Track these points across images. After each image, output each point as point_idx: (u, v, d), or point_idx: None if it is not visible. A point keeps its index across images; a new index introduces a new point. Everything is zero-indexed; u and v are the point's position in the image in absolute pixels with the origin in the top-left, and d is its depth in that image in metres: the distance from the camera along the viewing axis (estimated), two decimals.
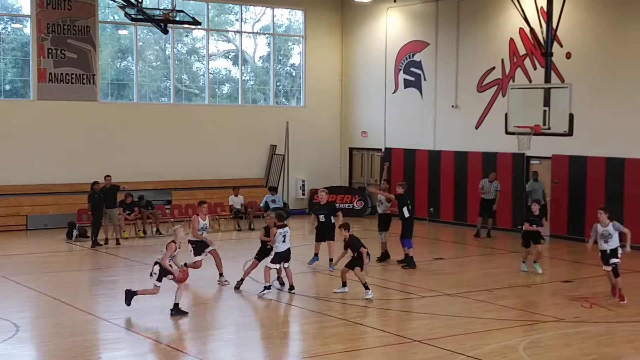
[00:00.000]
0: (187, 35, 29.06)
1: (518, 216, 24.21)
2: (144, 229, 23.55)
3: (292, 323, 14.31)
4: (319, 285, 17.02)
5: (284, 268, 15.82)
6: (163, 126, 27.30)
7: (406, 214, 18.43)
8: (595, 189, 22.33)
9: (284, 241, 15.57)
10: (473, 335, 12.88)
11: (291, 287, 15.81)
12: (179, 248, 14.25)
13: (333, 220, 18.41)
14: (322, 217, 18.58)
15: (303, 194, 29.89)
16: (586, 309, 14.60)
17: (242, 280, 16.16)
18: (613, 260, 14.96)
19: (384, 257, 19.13)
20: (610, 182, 22.11)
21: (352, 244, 15.47)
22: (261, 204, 25.87)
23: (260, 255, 16.13)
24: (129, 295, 14.21)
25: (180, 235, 14.25)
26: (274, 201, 26.08)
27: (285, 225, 15.74)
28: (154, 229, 23.76)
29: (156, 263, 14.03)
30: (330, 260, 18.14)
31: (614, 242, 14.98)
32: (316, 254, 18.74)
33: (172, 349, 12.01)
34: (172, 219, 24.57)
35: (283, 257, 15.62)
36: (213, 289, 16.53)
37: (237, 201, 25.52)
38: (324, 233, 18.55)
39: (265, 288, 15.53)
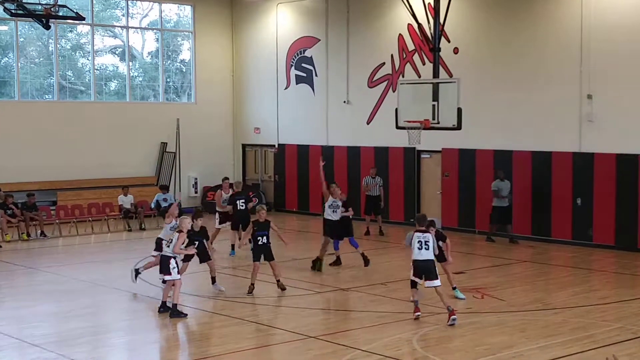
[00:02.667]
0: (71, 31, 28.19)
1: (410, 210, 24.46)
2: (28, 231, 22.69)
3: (184, 324, 13.96)
4: (211, 284, 16.69)
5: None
6: (47, 124, 26.38)
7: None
8: (484, 181, 22.72)
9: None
10: (368, 330, 12.85)
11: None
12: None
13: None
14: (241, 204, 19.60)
15: (196, 192, 29.43)
16: (478, 299, 14.78)
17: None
18: None
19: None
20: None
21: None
22: (152, 203, 25.35)
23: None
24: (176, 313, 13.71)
25: (186, 225, 14.07)
26: (165, 200, 25.52)
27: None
28: (39, 232, 22.93)
29: (169, 258, 13.81)
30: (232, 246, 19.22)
31: None
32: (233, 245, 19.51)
33: (58, 355, 11.53)
34: (57, 221, 23.79)
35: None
36: (104, 293, 16.03)
37: (126, 201, 24.90)
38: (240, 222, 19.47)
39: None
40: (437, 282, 13.27)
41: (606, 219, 20.32)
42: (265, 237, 15.27)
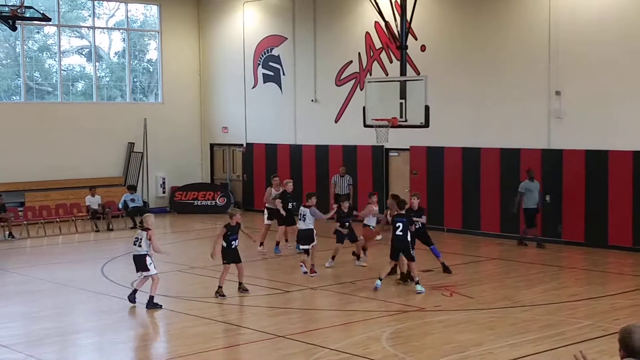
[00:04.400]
0: (38, 32, 27.96)
1: (380, 208, 24.46)
2: None
3: (153, 325, 13.92)
4: (180, 285, 16.66)
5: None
6: (15, 125, 26.15)
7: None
8: (453, 178, 22.85)
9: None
10: (337, 328, 12.89)
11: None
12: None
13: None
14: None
15: (164, 192, 29.32)
16: (447, 297, 14.86)
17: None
18: None
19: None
20: (466, 171, 22.66)
21: None
22: (120, 204, 25.23)
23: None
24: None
25: (151, 222, 14.50)
26: (133, 200, 25.51)
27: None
28: (7, 233, 22.72)
29: (144, 256, 14.27)
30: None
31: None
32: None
33: (27, 356, 11.44)
34: (25, 222, 23.60)
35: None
36: (72, 294, 15.92)
37: (94, 201, 24.75)
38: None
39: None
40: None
41: (576, 216, 20.49)
42: (236, 241, 15.23)
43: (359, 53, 25.26)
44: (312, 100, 26.69)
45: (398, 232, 15.43)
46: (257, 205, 28.38)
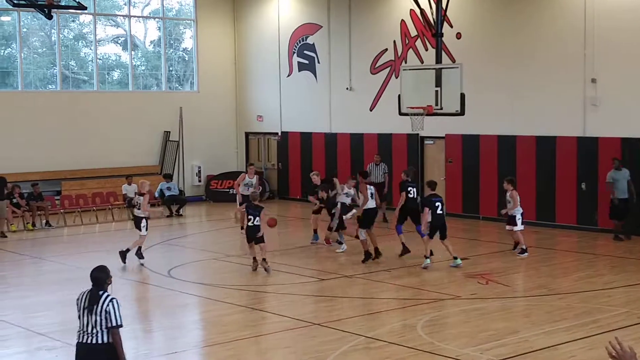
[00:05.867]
0: (73, 21, 28.16)
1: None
2: (33, 221, 22.72)
3: (189, 312, 14.01)
4: (215, 272, 16.74)
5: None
6: (51, 114, 26.39)
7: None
8: (488, 167, 22.70)
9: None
10: (372, 316, 12.89)
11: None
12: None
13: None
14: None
15: (199, 181, 29.45)
16: (482, 285, 14.78)
17: None
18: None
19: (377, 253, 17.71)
20: (502, 159, 22.50)
21: None
22: (156, 192, 25.38)
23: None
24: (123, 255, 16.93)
25: (145, 187, 17.45)
26: (169, 189, 25.67)
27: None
28: (44, 221, 22.96)
29: (141, 218, 17.15)
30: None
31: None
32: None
33: (64, 344, 11.57)
34: (62, 210, 23.83)
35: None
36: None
37: (130, 190, 24.76)
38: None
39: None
40: None
41: None
42: (255, 218, 15.92)
43: (394, 41, 25.14)
44: (347, 89, 26.63)
45: (439, 212, 16.30)
46: (292, 194, 28.46)
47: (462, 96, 18.54)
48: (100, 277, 7.94)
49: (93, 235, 22.44)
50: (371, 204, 17.37)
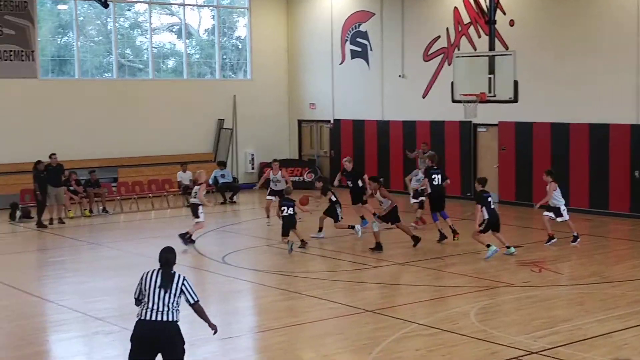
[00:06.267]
0: (129, 9, 28.56)
1: (467, 184, 24.38)
2: (90, 207, 23.15)
3: (243, 298, 14.21)
4: (269, 259, 16.92)
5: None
6: (107, 102, 26.82)
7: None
8: (541, 154, 22.53)
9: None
10: (425, 303, 12.94)
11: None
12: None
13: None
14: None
15: (252, 168, 29.69)
16: (536, 273, 14.74)
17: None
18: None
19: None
20: (555, 147, 22.33)
21: None
22: (210, 179, 25.65)
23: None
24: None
25: (202, 177, 18.33)
26: (223, 176, 25.91)
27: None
28: (101, 208, 23.38)
29: (197, 205, 17.87)
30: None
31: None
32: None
33: (121, 329, 11.83)
34: (118, 197, 24.23)
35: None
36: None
37: (185, 177, 25.19)
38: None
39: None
40: None
41: None
42: (289, 208, 17.05)
43: (447, 28, 25.03)
44: (400, 76, 26.60)
45: (492, 206, 16.32)
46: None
47: (516, 83, 18.47)
48: (171, 258, 8.24)
49: (149, 221, 22.81)
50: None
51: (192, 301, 8.30)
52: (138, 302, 8.17)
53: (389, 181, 26.53)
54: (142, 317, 8.00)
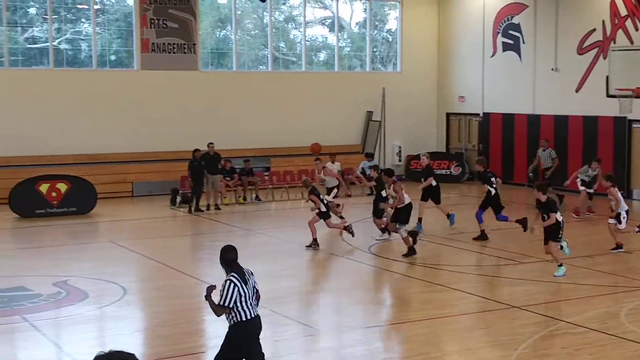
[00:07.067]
0: (284, 3, 29.30)
1: (620, 182, 23.71)
2: (244, 195, 24.00)
3: (386, 288, 14.47)
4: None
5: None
6: (261, 94, 27.67)
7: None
8: None
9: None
10: (573, 302, 12.82)
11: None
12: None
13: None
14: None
15: (399, 160, 29.90)
16: None
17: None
18: None
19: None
20: None
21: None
22: (358, 171, 26.02)
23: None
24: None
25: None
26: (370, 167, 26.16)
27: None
28: (254, 196, 24.18)
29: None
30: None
31: None
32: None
33: (272, 312, 12.30)
34: (270, 186, 24.98)
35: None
36: (313, 255, 16.77)
37: (333, 168, 25.61)
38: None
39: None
40: None
41: None
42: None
43: (603, 21, 24.42)
44: (552, 69, 26.15)
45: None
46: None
47: None
48: (236, 256, 8.30)
49: (299, 210, 23.36)
50: (407, 200, 16.70)
51: (259, 295, 8.36)
52: (227, 308, 8.04)
53: (537, 176, 26.16)
54: (247, 317, 8.06)
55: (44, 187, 21.43)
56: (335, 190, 20.47)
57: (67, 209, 21.52)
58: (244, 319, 8.07)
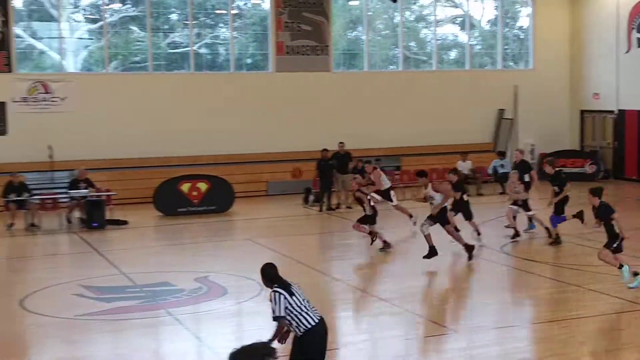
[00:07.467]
0: (414, 3, 29.47)
1: None
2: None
3: (519, 288, 14.46)
4: (545, 250, 17.00)
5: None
6: (392, 93, 27.94)
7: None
8: None
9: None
10: None
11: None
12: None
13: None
14: None
15: (532, 159, 29.47)
16: None
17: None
18: None
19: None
20: None
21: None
22: (489, 169, 25.92)
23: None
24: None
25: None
26: (502, 166, 26.00)
27: None
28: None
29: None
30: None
31: None
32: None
33: (403, 310, 12.55)
34: (401, 185, 25.15)
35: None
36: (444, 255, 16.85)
37: (465, 166, 25.54)
38: None
39: None
40: None
41: None
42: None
43: None
44: None
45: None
46: (628, 173, 27.71)
47: None
48: (276, 271, 8.72)
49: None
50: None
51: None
52: (283, 320, 8.25)
53: None
54: (315, 321, 8.29)
55: (185, 187, 22.42)
56: (392, 192, 20.12)
57: (207, 208, 22.43)
58: (312, 323, 8.25)
